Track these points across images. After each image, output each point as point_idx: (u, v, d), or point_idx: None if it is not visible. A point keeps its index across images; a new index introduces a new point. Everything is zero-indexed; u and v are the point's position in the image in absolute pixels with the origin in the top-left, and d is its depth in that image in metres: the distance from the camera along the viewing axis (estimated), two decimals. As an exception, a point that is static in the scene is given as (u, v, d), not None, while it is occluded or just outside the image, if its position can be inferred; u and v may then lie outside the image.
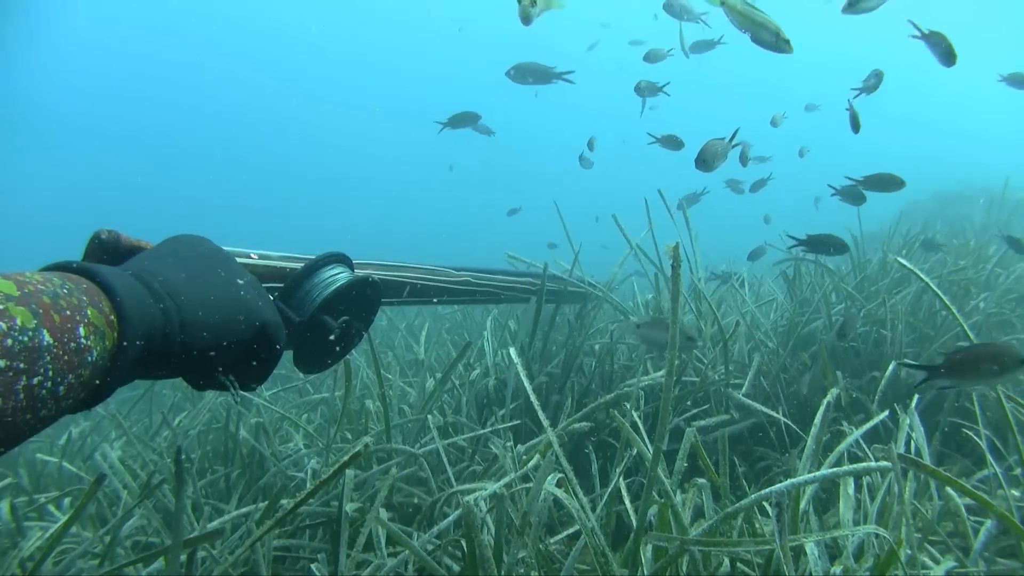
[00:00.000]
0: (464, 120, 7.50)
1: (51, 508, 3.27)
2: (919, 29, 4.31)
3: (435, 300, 3.23)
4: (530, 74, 6.27)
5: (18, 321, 0.94)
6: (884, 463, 1.92)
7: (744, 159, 4.56)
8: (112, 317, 1.15)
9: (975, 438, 2.77)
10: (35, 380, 0.96)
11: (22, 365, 0.93)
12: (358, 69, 66.80)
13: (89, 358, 1.07)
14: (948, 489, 2.36)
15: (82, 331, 1.05)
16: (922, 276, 2.29)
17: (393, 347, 5.82)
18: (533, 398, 2.42)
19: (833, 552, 2.26)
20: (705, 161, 4.09)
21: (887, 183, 5.01)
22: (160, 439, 4.22)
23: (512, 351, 2.70)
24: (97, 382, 1.13)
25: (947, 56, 4.29)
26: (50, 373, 0.98)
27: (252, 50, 60.79)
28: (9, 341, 0.92)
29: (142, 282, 1.28)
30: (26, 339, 0.94)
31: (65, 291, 1.07)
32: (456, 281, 3.32)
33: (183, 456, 3.60)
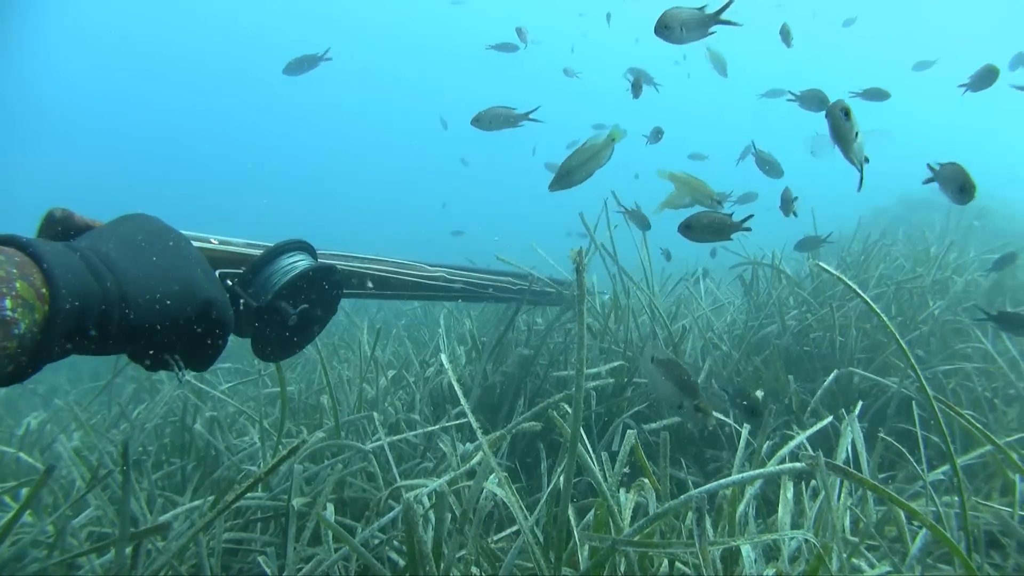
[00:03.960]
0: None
1: (6, 499, 3.27)
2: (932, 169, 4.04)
3: (405, 295, 3.21)
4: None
5: None
6: (797, 464, 1.95)
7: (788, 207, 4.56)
8: (43, 290, 1.16)
9: (898, 445, 2.83)
10: None
11: None
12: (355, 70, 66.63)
13: (15, 331, 1.07)
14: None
15: (8, 303, 1.06)
16: (849, 283, 2.30)
17: (351, 344, 5.82)
18: (467, 405, 2.45)
19: (775, 554, 2.29)
20: (479, 119, 4.45)
21: None
22: (118, 431, 4.23)
23: (443, 357, 2.72)
24: (27, 355, 1.14)
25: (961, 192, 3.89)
26: None
27: (252, 48, 60.43)
28: None
29: (82, 256, 1.29)
30: None
31: None
32: (430, 276, 3.30)
33: (140, 448, 3.62)
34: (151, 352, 1.50)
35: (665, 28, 3.60)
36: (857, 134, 2.85)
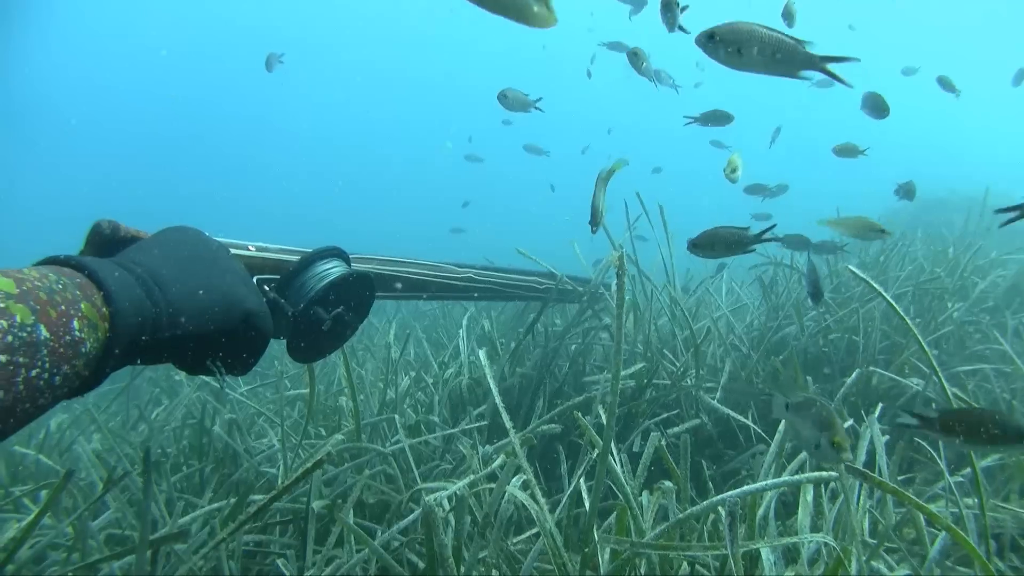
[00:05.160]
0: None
1: (26, 501, 3.29)
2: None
3: (434, 296, 3.35)
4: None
5: (18, 318, 1.02)
6: (822, 473, 1.96)
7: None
8: (104, 309, 1.22)
9: (924, 444, 2.82)
10: (33, 372, 1.03)
11: (22, 359, 1.01)
12: (357, 70, 66.66)
13: (83, 349, 1.14)
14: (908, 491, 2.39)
15: (76, 324, 1.12)
16: (875, 286, 2.31)
17: (370, 346, 5.83)
18: (498, 400, 2.45)
19: (795, 556, 2.29)
20: (505, 96, 5.11)
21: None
22: (137, 433, 4.24)
23: (482, 354, 2.73)
24: (90, 371, 1.20)
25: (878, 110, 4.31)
26: (47, 365, 1.06)
27: (253, 48, 60.31)
28: (10, 338, 0.99)
29: (132, 274, 1.36)
30: (25, 335, 1.02)
31: (60, 287, 1.14)
32: (458, 277, 3.41)
33: (159, 450, 3.63)
34: (195, 359, 1.59)
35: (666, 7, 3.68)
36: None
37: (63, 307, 1.12)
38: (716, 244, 3.16)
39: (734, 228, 3.18)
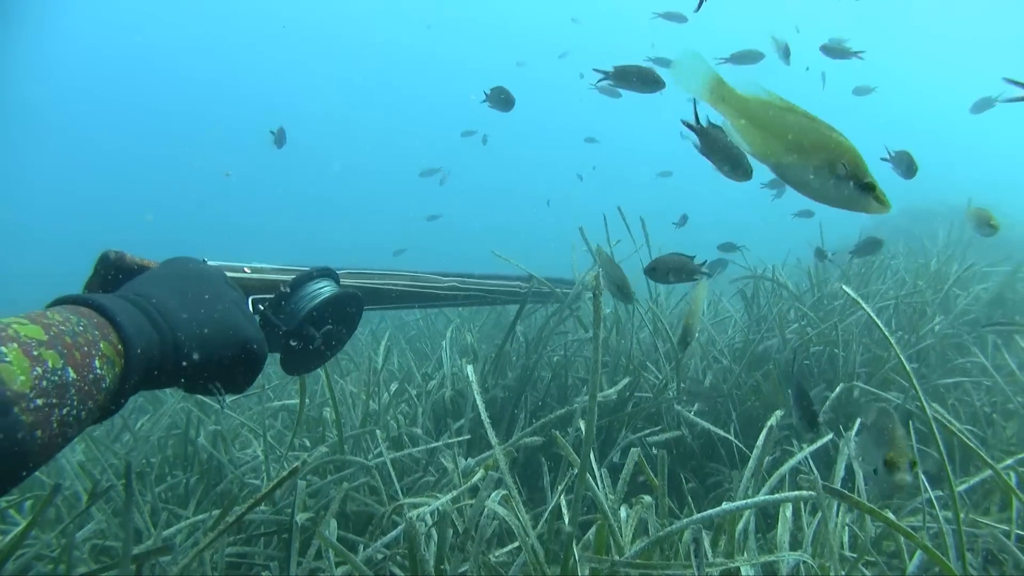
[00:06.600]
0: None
1: (11, 512, 3.29)
2: (889, 153, 4.51)
3: (420, 305, 3.56)
4: None
5: (49, 363, 1.14)
6: (802, 492, 1.98)
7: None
8: (119, 346, 1.34)
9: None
10: (64, 411, 1.15)
11: (54, 400, 1.12)
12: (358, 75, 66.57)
13: (103, 385, 1.25)
14: (887, 512, 2.40)
15: (97, 363, 1.25)
16: (864, 305, 2.33)
17: (353, 357, 5.84)
18: (485, 416, 2.48)
19: (774, 572, 2.31)
20: (491, 97, 5.69)
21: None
22: (121, 444, 4.24)
23: (469, 369, 2.76)
24: (109, 402, 1.32)
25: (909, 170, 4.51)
26: (75, 403, 1.18)
27: (258, 50, 60.17)
28: (44, 382, 1.10)
29: (141, 309, 1.48)
30: (56, 378, 1.13)
31: (81, 328, 1.26)
32: (443, 287, 3.52)
33: (143, 460, 3.63)
34: (195, 383, 1.68)
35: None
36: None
37: (86, 348, 1.22)
38: (667, 271, 3.30)
39: (682, 256, 3.34)
